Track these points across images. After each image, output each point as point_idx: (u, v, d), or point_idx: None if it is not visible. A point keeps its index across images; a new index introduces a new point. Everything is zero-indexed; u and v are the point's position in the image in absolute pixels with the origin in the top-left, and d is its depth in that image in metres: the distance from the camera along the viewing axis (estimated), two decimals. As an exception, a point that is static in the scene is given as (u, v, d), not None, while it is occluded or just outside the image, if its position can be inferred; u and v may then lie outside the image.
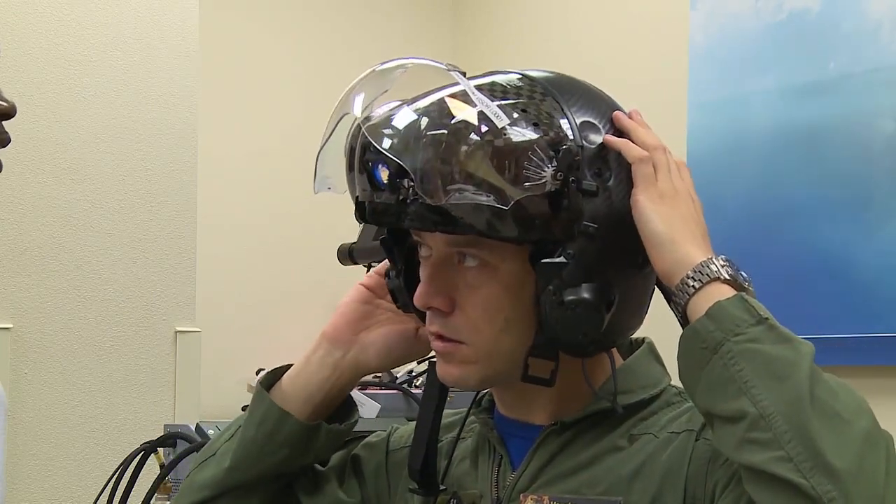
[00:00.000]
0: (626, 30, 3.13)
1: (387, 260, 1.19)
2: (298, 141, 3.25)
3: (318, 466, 1.25)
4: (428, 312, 1.10)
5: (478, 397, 1.21)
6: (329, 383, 1.19)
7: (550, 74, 1.11)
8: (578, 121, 1.06)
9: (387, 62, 1.08)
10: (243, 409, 1.23)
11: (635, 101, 1.17)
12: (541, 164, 1.01)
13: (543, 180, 1.01)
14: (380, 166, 1.04)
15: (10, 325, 2.42)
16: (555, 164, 1.02)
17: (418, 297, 1.08)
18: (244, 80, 3.21)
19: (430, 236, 1.08)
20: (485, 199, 0.99)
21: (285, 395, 1.20)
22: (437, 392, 1.19)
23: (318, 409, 1.20)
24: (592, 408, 1.11)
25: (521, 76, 1.09)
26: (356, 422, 1.23)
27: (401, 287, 1.17)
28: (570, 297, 1.03)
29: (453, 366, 1.10)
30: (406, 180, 1.02)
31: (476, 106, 1.02)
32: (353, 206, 1.11)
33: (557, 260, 1.03)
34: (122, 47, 2.62)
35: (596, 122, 1.08)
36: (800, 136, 2.63)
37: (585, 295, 1.03)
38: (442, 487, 1.17)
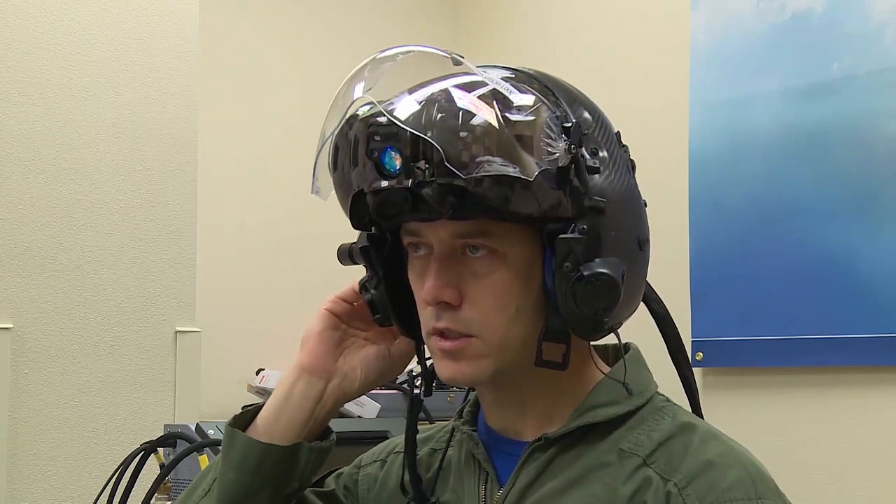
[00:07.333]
0: (627, 29, 3.12)
1: (363, 273, 1.17)
2: (298, 141, 3.25)
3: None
4: (433, 309, 1.07)
5: (460, 408, 1.20)
6: (313, 415, 1.15)
7: (523, 67, 1.11)
8: (568, 102, 1.07)
9: (386, 50, 1.06)
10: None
11: (637, 101, 1.17)
12: (554, 138, 1.02)
13: (557, 154, 1.01)
14: (389, 151, 1.01)
15: (10, 325, 2.42)
16: (565, 138, 1.02)
17: (428, 292, 1.06)
18: (244, 80, 3.21)
19: (432, 231, 1.06)
20: (512, 170, 0.98)
21: (263, 432, 1.15)
22: (413, 402, 1.18)
23: (299, 439, 1.16)
24: (575, 423, 1.09)
25: (502, 67, 1.09)
26: (334, 442, 1.19)
27: (382, 298, 1.14)
28: (590, 272, 1.02)
29: (465, 363, 1.07)
30: (422, 162, 0.99)
31: (488, 84, 1.02)
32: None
33: (574, 235, 1.03)
34: (122, 47, 2.61)
35: (583, 103, 1.09)
36: (803, 137, 2.62)
37: (604, 269, 1.03)
38: (433, 499, 1.16)
